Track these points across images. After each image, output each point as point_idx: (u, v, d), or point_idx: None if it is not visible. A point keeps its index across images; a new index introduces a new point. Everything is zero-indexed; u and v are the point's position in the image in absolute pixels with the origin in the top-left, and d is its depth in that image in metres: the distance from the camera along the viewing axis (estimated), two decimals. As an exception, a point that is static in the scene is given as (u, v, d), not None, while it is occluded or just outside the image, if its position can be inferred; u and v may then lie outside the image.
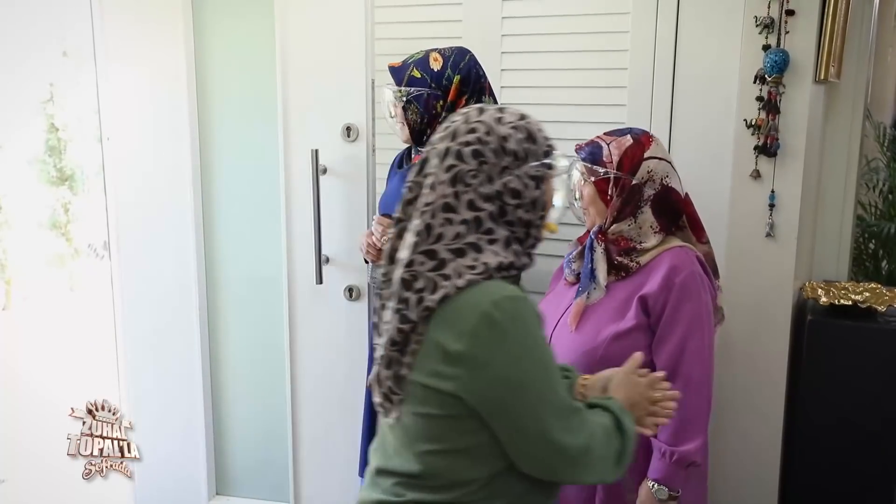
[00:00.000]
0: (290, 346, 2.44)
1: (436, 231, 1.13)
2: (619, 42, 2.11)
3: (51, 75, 3.05)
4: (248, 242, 2.59)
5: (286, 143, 2.33)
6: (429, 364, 1.12)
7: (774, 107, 1.94)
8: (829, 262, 2.23)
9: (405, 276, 1.12)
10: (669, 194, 1.64)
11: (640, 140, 1.65)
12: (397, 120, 1.99)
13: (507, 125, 1.18)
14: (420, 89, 1.93)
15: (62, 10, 2.67)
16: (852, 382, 1.99)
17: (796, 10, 1.90)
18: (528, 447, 1.14)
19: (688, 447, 1.55)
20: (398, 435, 1.19)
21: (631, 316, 1.58)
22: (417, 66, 1.94)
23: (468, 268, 1.11)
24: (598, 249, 1.64)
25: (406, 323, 1.12)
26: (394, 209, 1.99)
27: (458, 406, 1.11)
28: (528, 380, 1.11)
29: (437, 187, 1.14)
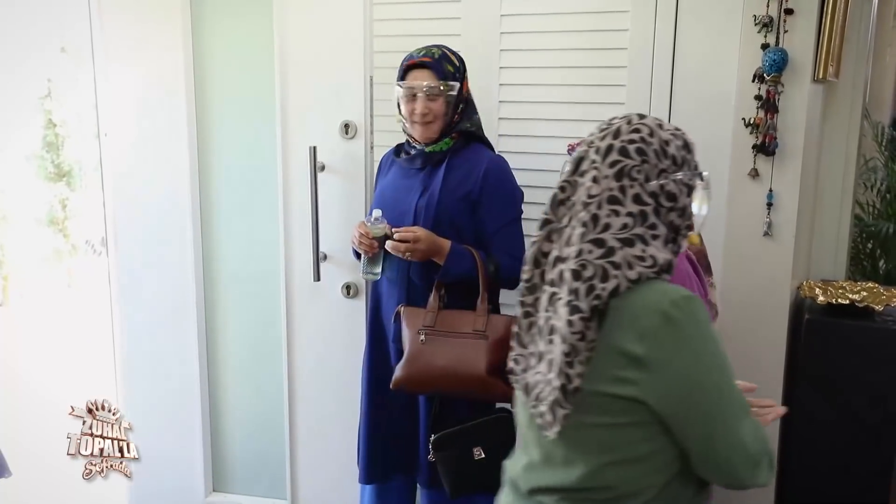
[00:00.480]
0: (287, 342, 2.44)
1: (602, 221, 1.13)
2: (618, 40, 2.11)
3: (49, 71, 3.04)
4: (245, 239, 2.58)
5: (284, 139, 2.33)
6: (607, 371, 1.11)
7: (773, 106, 1.94)
8: (827, 262, 2.24)
9: (574, 266, 1.12)
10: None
11: None
12: (429, 118, 1.95)
13: (667, 131, 1.19)
14: (456, 83, 1.96)
15: (61, 6, 2.66)
16: (850, 381, 1.99)
17: (795, 9, 1.90)
18: (713, 449, 1.12)
19: None
20: (563, 449, 1.17)
21: None
22: (446, 61, 1.96)
23: (637, 258, 1.11)
24: None
25: (576, 313, 1.10)
26: (386, 206, 2.01)
27: (640, 412, 1.11)
28: (711, 380, 1.11)
29: (602, 181, 1.15)
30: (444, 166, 1.97)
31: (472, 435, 1.94)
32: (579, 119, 2.17)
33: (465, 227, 1.97)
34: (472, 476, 1.94)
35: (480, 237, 1.98)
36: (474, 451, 1.93)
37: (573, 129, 2.18)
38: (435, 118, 1.95)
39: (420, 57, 1.95)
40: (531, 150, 2.22)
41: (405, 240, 1.89)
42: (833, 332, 2.01)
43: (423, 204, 1.96)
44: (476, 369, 1.85)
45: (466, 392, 1.90)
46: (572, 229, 1.16)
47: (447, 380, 1.89)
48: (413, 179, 2.01)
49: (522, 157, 2.15)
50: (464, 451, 1.93)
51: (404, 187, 2.02)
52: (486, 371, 1.84)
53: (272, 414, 2.58)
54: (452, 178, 1.96)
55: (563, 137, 2.19)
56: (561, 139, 2.20)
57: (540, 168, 2.17)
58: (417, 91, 1.94)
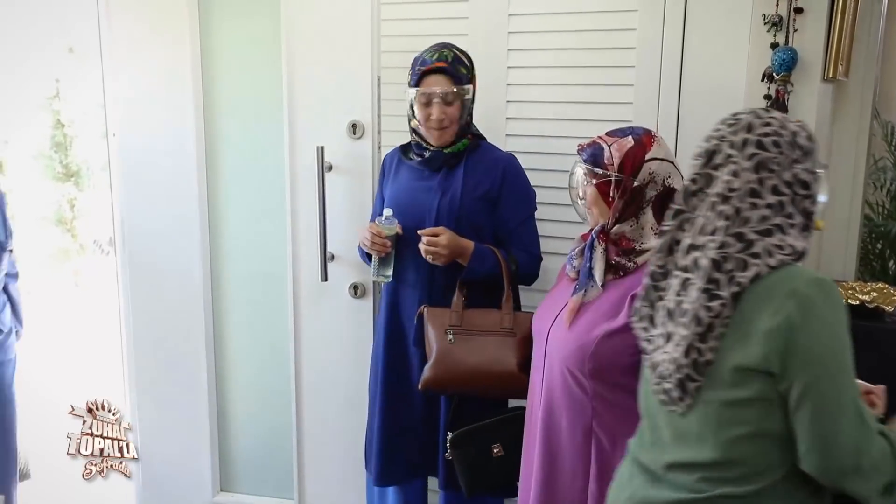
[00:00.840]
0: (294, 342, 2.44)
1: (744, 214, 1.20)
2: (626, 40, 2.11)
3: (57, 72, 3.05)
4: (253, 239, 2.59)
5: (292, 139, 2.33)
6: (740, 345, 1.17)
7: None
8: (837, 262, 2.22)
9: (716, 257, 1.19)
10: (672, 195, 1.61)
11: (641, 141, 1.63)
12: (444, 122, 1.94)
13: (793, 123, 1.26)
14: (469, 86, 1.97)
15: (68, 6, 2.67)
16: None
17: (805, 7, 1.89)
18: (824, 436, 1.14)
19: None
20: (696, 423, 1.22)
21: (624, 315, 1.57)
22: (459, 64, 1.96)
23: (776, 247, 1.18)
24: (598, 249, 1.64)
25: (715, 300, 1.17)
26: (403, 210, 2.01)
27: (769, 386, 1.16)
28: (838, 363, 1.15)
29: (741, 174, 1.21)
30: (464, 166, 1.97)
31: (492, 432, 1.95)
32: (587, 119, 2.17)
33: (485, 226, 1.98)
34: (489, 473, 1.95)
35: (499, 234, 2.00)
36: (493, 448, 1.94)
37: (581, 128, 2.17)
38: (451, 123, 1.95)
39: (435, 62, 1.94)
40: (539, 150, 2.21)
41: (431, 243, 1.89)
42: (842, 333, 1.99)
43: (446, 205, 1.96)
44: (508, 366, 1.88)
45: (496, 389, 1.92)
46: (707, 219, 1.22)
47: (478, 378, 1.91)
48: (429, 181, 2.01)
49: (531, 156, 2.14)
50: (482, 448, 1.95)
51: (421, 189, 2.01)
52: (518, 367, 1.88)
53: (279, 413, 2.58)
54: (471, 178, 1.97)
55: (571, 137, 2.18)
56: (569, 139, 2.18)
57: (548, 168, 2.17)
58: (434, 97, 1.93)
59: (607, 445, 1.61)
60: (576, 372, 1.61)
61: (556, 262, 2.14)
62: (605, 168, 1.62)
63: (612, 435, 1.61)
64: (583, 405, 1.62)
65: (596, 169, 1.63)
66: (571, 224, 2.20)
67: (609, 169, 1.62)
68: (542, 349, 1.71)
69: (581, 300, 1.64)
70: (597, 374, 1.59)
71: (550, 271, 2.12)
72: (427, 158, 2.01)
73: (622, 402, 1.58)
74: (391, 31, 2.30)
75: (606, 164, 1.62)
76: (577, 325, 1.62)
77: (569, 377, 1.62)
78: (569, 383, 1.63)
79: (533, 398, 1.77)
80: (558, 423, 1.67)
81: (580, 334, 1.61)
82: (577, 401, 1.62)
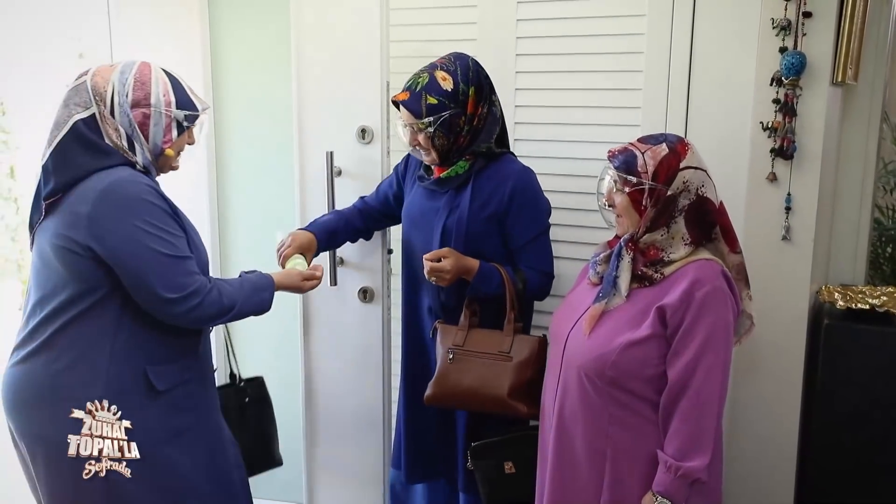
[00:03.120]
0: (304, 346, 2.45)
1: None
2: (635, 45, 2.11)
3: (68, 77, 3.06)
4: (262, 243, 2.60)
5: (301, 144, 2.34)
6: None
7: (791, 109, 1.93)
8: (846, 266, 2.22)
9: None
10: (704, 204, 1.60)
11: (675, 149, 1.60)
12: (422, 148, 1.96)
13: None
14: (442, 114, 1.90)
15: (78, 12, 2.69)
16: (869, 387, 1.97)
17: (813, 11, 1.89)
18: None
19: (693, 464, 1.52)
20: None
21: (647, 325, 1.56)
22: (430, 93, 1.89)
23: None
24: (625, 258, 1.61)
25: None
26: (414, 221, 2.02)
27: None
28: None
29: None
30: (471, 187, 1.95)
31: (503, 449, 1.95)
32: (597, 123, 2.18)
33: (492, 246, 1.97)
34: (503, 489, 1.96)
35: (507, 251, 1.99)
36: (506, 464, 1.94)
37: (590, 133, 2.19)
38: (429, 148, 1.95)
39: (400, 92, 1.94)
40: (548, 155, 2.22)
41: (435, 269, 1.89)
42: (852, 337, 1.99)
43: (451, 226, 1.96)
44: (498, 391, 1.87)
45: (489, 411, 1.92)
46: None
47: (471, 399, 1.92)
48: (438, 201, 2.01)
49: (539, 161, 2.14)
50: (497, 462, 1.95)
51: (430, 209, 2.02)
52: (508, 394, 1.86)
53: (289, 417, 2.59)
54: (478, 199, 1.95)
55: (580, 141, 2.20)
56: (579, 143, 2.21)
57: (558, 172, 2.17)
58: (404, 125, 1.96)
59: (623, 454, 1.60)
60: (594, 379, 1.60)
61: (567, 268, 2.15)
62: (639, 176, 1.59)
63: (627, 444, 1.60)
64: (599, 412, 1.61)
65: (629, 177, 1.59)
66: (581, 228, 2.21)
67: (643, 177, 1.58)
68: (559, 353, 1.70)
69: (603, 308, 1.63)
70: (615, 384, 1.58)
71: (562, 277, 2.12)
72: (435, 180, 2.00)
73: (640, 411, 1.59)
74: (400, 37, 2.31)
75: (640, 172, 1.59)
76: (598, 333, 1.61)
77: (586, 384, 1.62)
78: (586, 390, 1.62)
79: (546, 401, 1.77)
80: (573, 428, 1.67)
81: (601, 343, 1.59)
82: (593, 408, 1.61)
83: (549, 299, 2.08)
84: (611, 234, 1.76)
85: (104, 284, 1.61)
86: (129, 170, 1.63)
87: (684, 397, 1.53)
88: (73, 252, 1.58)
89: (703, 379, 1.53)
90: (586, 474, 1.65)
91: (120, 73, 1.66)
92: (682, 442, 1.53)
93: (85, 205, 1.57)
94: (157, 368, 1.68)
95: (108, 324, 1.63)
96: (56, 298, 1.63)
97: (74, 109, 1.62)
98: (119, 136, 1.63)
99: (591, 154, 2.16)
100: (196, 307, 1.64)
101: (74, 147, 1.61)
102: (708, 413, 1.54)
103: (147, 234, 1.58)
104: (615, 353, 1.57)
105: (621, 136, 2.06)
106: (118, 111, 1.63)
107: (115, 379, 1.63)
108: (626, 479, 1.61)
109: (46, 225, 1.64)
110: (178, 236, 1.65)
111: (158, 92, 1.67)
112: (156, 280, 1.59)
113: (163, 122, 1.67)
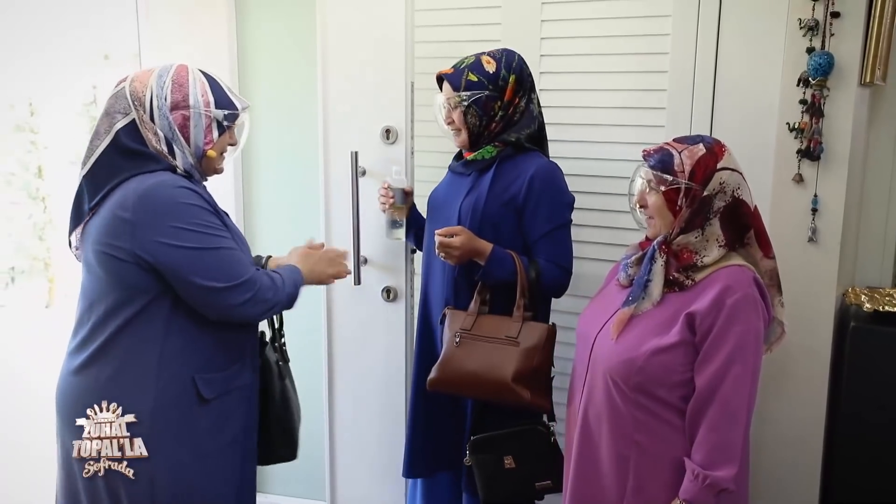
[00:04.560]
0: (328, 345, 2.46)
1: None
2: (660, 45, 2.11)
3: (94, 79, 3.11)
4: (287, 243, 2.61)
5: (326, 144, 2.35)
6: None
7: (818, 110, 1.92)
8: (873, 268, 2.20)
9: None
10: (740, 207, 1.58)
11: (712, 149, 1.58)
12: (454, 126, 1.98)
13: None
14: (478, 92, 1.93)
15: (105, 14, 2.73)
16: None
17: (842, 12, 1.88)
18: None
19: (721, 473, 1.50)
20: None
21: (676, 331, 1.54)
22: (472, 70, 1.94)
23: None
24: (658, 261, 1.59)
25: None
26: (437, 207, 2.04)
27: None
28: None
29: None
30: (493, 171, 1.97)
31: (504, 443, 1.94)
32: (620, 124, 2.18)
33: (508, 232, 1.96)
34: (502, 484, 1.94)
35: (525, 242, 1.98)
36: (505, 459, 1.93)
37: (614, 133, 2.19)
38: (460, 126, 1.97)
39: (448, 69, 1.98)
40: (572, 156, 2.22)
41: (445, 243, 1.90)
42: (879, 340, 1.97)
43: (468, 206, 1.97)
44: (502, 375, 1.85)
45: (492, 397, 1.90)
46: None
47: (474, 383, 1.89)
48: (461, 184, 2.03)
49: (563, 161, 2.12)
50: (497, 457, 1.94)
51: (453, 191, 2.05)
52: (512, 378, 1.84)
53: (312, 415, 2.60)
54: (499, 183, 1.96)
55: (604, 142, 2.20)
56: (602, 144, 2.21)
57: (581, 173, 2.18)
58: (443, 101, 1.99)
59: (647, 460, 1.59)
60: (620, 383, 1.59)
61: (594, 268, 2.15)
62: (675, 175, 1.57)
63: (652, 450, 1.59)
64: (624, 416, 1.59)
65: (665, 175, 1.57)
66: (606, 229, 2.21)
67: (679, 176, 1.56)
68: (586, 355, 1.69)
69: (631, 312, 1.61)
70: (642, 389, 1.57)
71: (582, 277, 2.12)
72: (462, 162, 2.03)
73: (666, 417, 1.57)
74: (425, 38, 2.32)
75: (676, 171, 1.57)
76: (626, 338, 1.60)
77: (612, 388, 1.60)
78: (611, 394, 1.61)
79: (572, 403, 1.77)
80: (597, 431, 1.66)
81: (629, 347, 1.58)
82: (619, 412, 1.60)
83: (576, 300, 2.08)
84: (639, 235, 1.75)
85: (150, 289, 1.60)
86: (168, 174, 1.61)
87: (712, 406, 1.51)
88: (116, 258, 1.57)
89: (732, 388, 1.50)
90: (609, 478, 1.64)
91: (157, 76, 1.64)
92: (709, 451, 1.51)
93: (125, 210, 1.55)
94: (205, 376, 1.67)
95: (157, 329, 1.62)
96: (102, 305, 1.62)
97: (116, 117, 1.61)
98: (159, 140, 1.62)
99: (615, 154, 2.17)
100: (250, 300, 1.63)
101: (117, 155, 1.60)
102: (736, 423, 1.51)
103: (189, 233, 1.56)
104: (642, 358, 1.55)
105: (646, 137, 2.06)
106: (157, 115, 1.62)
107: (165, 388, 1.62)
108: (650, 484, 1.59)
109: (88, 231, 1.63)
110: (222, 234, 1.63)
111: (196, 93, 1.66)
112: (201, 273, 1.57)
113: (203, 122, 1.66)
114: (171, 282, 1.59)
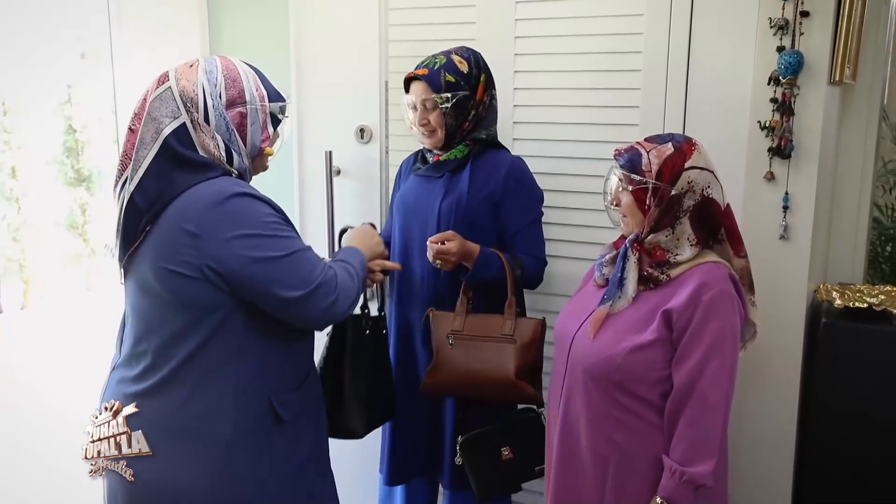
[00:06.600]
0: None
1: None
2: (633, 44, 2.11)
3: (69, 77, 3.08)
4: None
5: (300, 144, 2.35)
6: None
7: (789, 108, 1.93)
8: (844, 265, 2.22)
9: None
10: (710, 206, 1.59)
11: (681, 148, 1.59)
12: (429, 127, 1.97)
13: None
14: (458, 93, 1.93)
15: (80, 12, 2.70)
16: (867, 385, 1.98)
17: (811, 11, 1.89)
18: None
19: (698, 469, 1.51)
20: None
21: (653, 329, 1.55)
22: (448, 71, 1.94)
23: None
24: (631, 258, 1.60)
25: None
26: (408, 210, 2.03)
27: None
28: None
29: None
30: (468, 169, 1.97)
31: (502, 435, 1.96)
32: (595, 122, 2.18)
33: (486, 228, 1.97)
34: (499, 477, 1.96)
35: (502, 237, 1.99)
36: (503, 450, 1.95)
37: (588, 132, 2.19)
38: (437, 127, 1.96)
39: (417, 69, 1.97)
40: (546, 154, 2.22)
41: (442, 250, 1.87)
42: (850, 336, 1.99)
43: (448, 207, 1.97)
44: (505, 373, 1.87)
45: (494, 395, 1.92)
46: None
47: (476, 384, 1.91)
48: (434, 184, 2.02)
49: (538, 160, 2.15)
50: (492, 451, 1.95)
51: (426, 193, 2.03)
52: (515, 375, 1.87)
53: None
54: (476, 181, 1.97)
55: (578, 141, 2.20)
56: (576, 143, 2.21)
57: (555, 172, 2.18)
58: (416, 102, 1.96)
59: (627, 458, 1.60)
60: (599, 382, 1.59)
61: (563, 266, 2.15)
62: (643, 174, 1.58)
63: (631, 448, 1.59)
64: (603, 415, 1.60)
65: (633, 175, 1.58)
66: (583, 228, 2.21)
67: (646, 176, 1.57)
68: (564, 355, 1.69)
69: (607, 311, 1.62)
70: (620, 387, 1.57)
71: (557, 276, 2.13)
72: (431, 165, 2.02)
73: (645, 415, 1.58)
74: (399, 37, 2.31)
75: (644, 171, 1.58)
76: (603, 336, 1.60)
77: (591, 386, 1.61)
78: (590, 392, 1.61)
79: (551, 404, 1.77)
80: (577, 430, 1.66)
81: (607, 345, 1.59)
82: (598, 411, 1.61)
83: (548, 298, 2.08)
84: (614, 234, 1.76)
85: (220, 306, 1.45)
86: (227, 179, 1.47)
87: (690, 402, 1.52)
88: (183, 275, 1.41)
89: (709, 383, 1.51)
90: (590, 477, 1.64)
91: (205, 72, 1.49)
92: (687, 447, 1.52)
93: (189, 223, 1.40)
94: (281, 397, 1.54)
95: (231, 352, 1.48)
96: (166, 328, 1.47)
97: (163, 122, 1.45)
98: (216, 144, 1.47)
99: (590, 153, 2.17)
100: (335, 301, 1.51)
101: (168, 165, 1.44)
102: (714, 418, 1.52)
103: (264, 240, 1.43)
104: (621, 356, 1.56)
105: (620, 136, 2.07)
106: (213, 115, 1.47)
107: (244, 413, 1.49)
108: (630, 482, 1.60)
109: (143, 250, 1.46)
110: (290, 235, 1.50)
111: (251, 87, 1.53)
112: (283, 282, 1.44)
113: (259, 119, 1.53)
114: (249, 296, 1.46)
